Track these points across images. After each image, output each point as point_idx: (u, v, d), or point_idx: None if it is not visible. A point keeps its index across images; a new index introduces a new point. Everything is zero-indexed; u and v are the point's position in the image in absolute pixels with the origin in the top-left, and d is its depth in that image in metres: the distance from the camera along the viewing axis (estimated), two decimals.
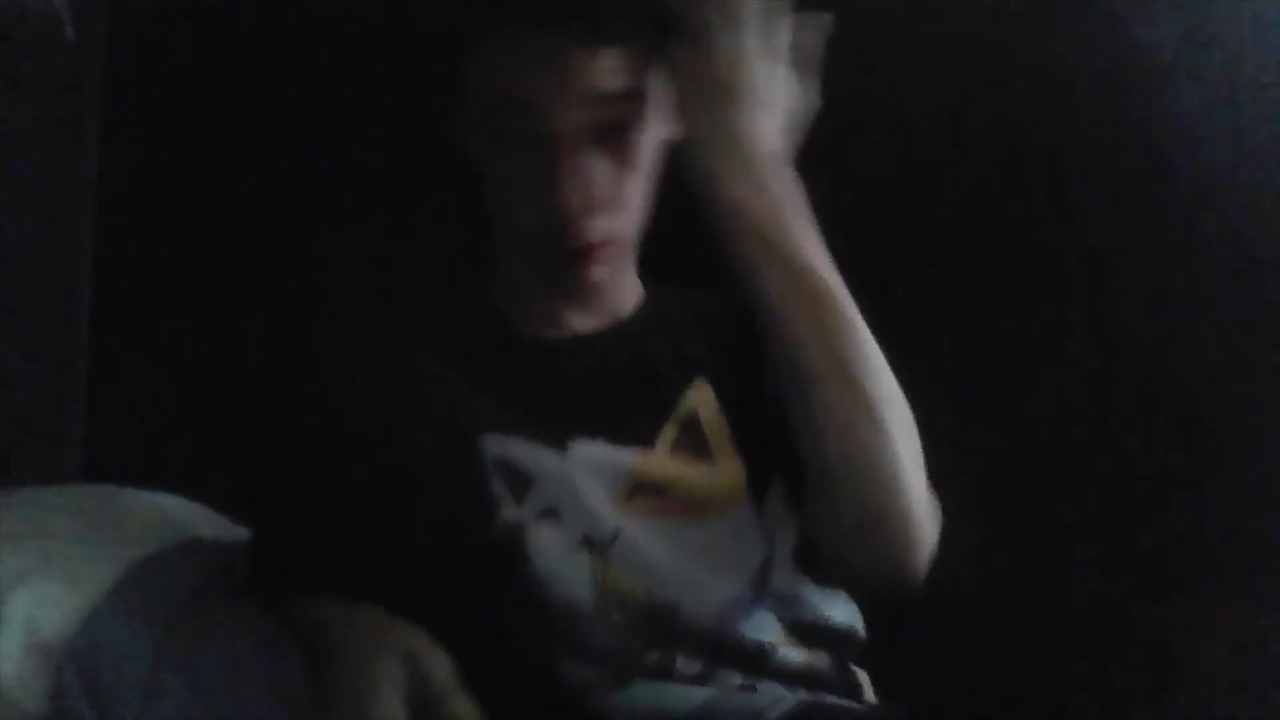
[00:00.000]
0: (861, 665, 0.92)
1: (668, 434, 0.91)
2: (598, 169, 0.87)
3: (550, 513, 0.87)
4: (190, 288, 1.30)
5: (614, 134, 0.88)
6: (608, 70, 0.85)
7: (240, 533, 1.05)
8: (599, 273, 0.91)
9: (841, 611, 0.92)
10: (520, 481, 0.88)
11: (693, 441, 0.92)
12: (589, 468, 0.88)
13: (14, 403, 1.26)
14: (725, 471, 0.91)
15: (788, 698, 0.85)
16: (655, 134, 0.91)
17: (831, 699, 0.89)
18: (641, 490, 0.89)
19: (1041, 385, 1.11)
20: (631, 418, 0.91)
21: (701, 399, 0.93)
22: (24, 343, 1.27)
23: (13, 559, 0.92)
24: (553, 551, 0.85)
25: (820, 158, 1.15)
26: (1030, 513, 1.12)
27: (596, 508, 0.87)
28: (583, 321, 0.97)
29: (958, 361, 1.13)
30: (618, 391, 0.93)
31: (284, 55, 1.27)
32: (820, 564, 0.88)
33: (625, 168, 0.89)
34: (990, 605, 1.12)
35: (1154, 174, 1.09)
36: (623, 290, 0.99)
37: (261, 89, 1.28)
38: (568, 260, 0.89)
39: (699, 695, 0.84)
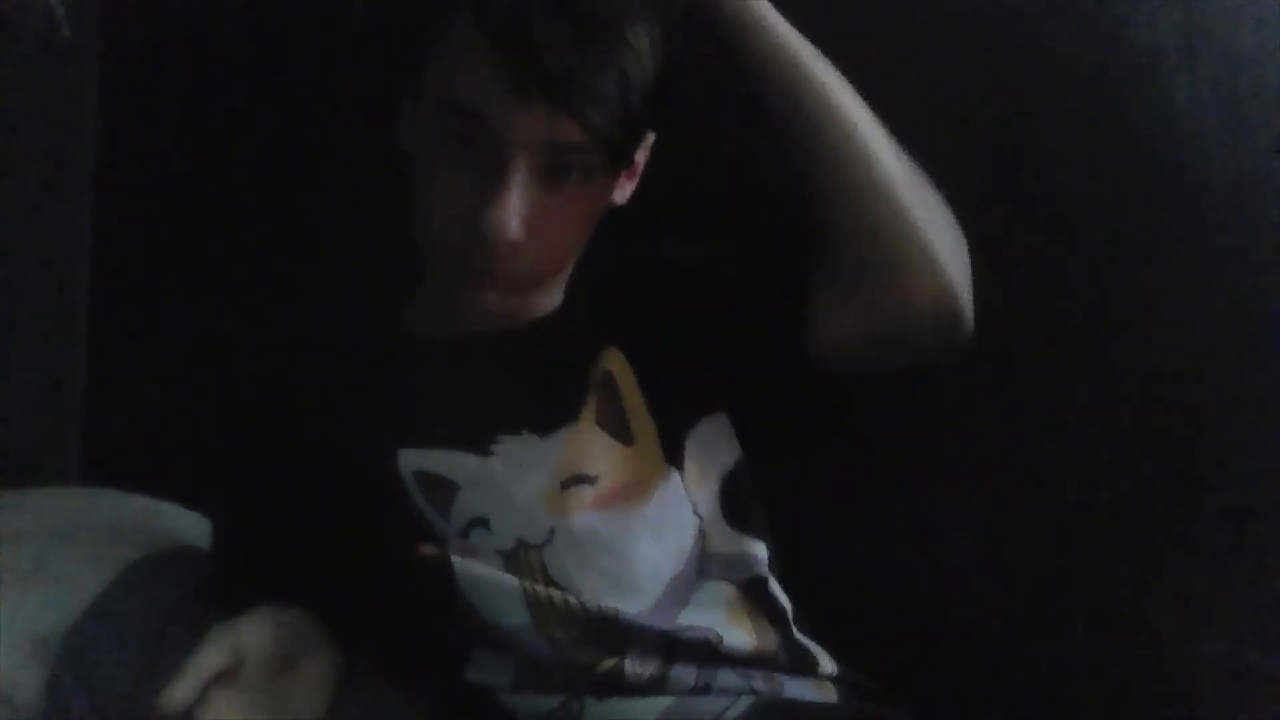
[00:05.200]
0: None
1: (590, 405, 0.90)
2: (536, 199, 0.84)
3: (479, 522, 0.85)
4: (190, 289, 1.30)
5: (562, 173, 0.85)
6: (571, 128, 0.82)
7: None
8: (498, 301, 0.88)
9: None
10: (444, 493, 0.86)
11: (613, 416, 0.90)
12: (517, 466, 0.86)
13: (12, 405, 1.26)
14: (645, 449, 0.90)
15: (744, 697, 0.85)
16: (604, 190, 0.89)
17: (786, 679, 0.88)
18: (574, 483, 0.87)
19: (1040, 380, 1.11)
20: (552, 399, 0.89)
21: (614, 363, 0.91)
22: (22, 345, 1.27)
23: (8, 560, 0.92)
24: (479, 573, 0.83)
25: None
26: (1029, 509, 1.12)
27: (528, 507, 0.85)
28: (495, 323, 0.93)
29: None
30: (535, 377, 0.90)
31: (283, 54, 1.27)
32: (873, 345, 0.90)
33: (564, 206, 0.86)
34: (988, 602, 1.12)
35: (1152, 172, 1.09)
36: (541, 298, 0.95)
37: (261, 88, 1.28)
38: (473, 276, 0.86)
39: (657, 706, 0.83)
